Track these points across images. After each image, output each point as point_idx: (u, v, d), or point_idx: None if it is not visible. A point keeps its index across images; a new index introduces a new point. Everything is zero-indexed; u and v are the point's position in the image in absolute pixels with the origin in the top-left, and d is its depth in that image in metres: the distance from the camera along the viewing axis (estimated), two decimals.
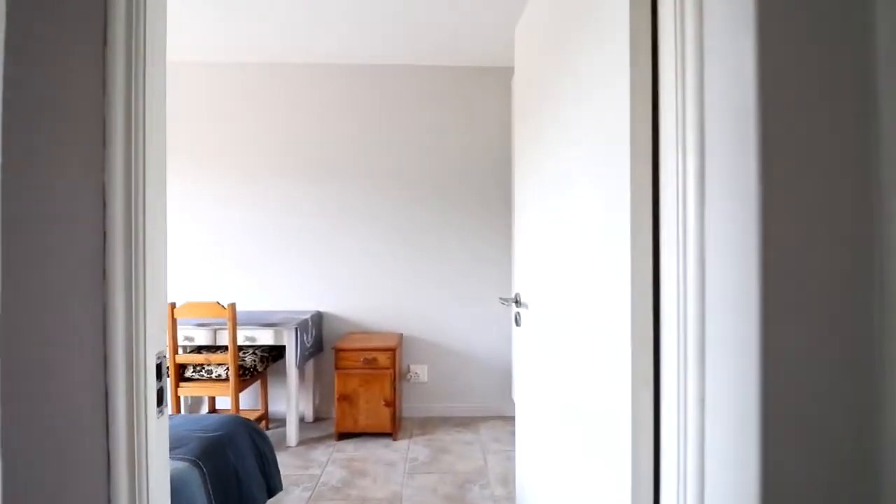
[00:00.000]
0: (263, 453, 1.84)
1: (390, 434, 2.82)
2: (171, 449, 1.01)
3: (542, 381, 1.49)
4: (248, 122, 3.14)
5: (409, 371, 3.20)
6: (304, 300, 3.19)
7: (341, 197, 3.18)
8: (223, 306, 2.50)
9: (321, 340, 3.16)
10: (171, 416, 1.67)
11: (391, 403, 2.78)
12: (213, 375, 2.59)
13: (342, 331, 3.19)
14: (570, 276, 1.24)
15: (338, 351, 2.79)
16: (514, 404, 2.71)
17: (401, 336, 3.12)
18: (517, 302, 1.75)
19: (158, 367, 0.81)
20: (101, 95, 0.72)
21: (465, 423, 3.09)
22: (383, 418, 2.77)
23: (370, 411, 2.78)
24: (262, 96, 3.14)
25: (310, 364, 3.13)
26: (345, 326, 3.20)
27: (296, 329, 2.71)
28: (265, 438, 1.92)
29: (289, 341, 2.73)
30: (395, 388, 2.80)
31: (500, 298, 1.87)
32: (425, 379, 3.21)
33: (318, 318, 3.13)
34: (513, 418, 2.88)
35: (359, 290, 3.19)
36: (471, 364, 3.21)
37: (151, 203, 0.78)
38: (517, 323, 1.77)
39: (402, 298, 3.19)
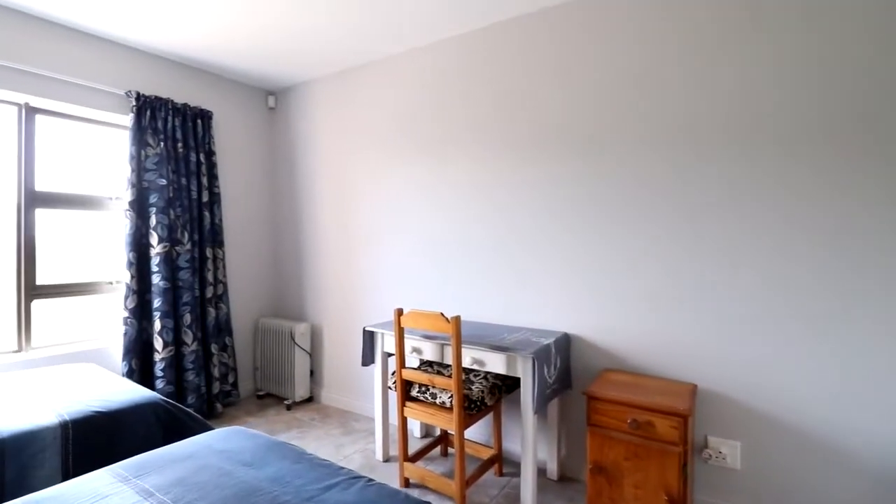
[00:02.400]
0: None
1: None
2: None
3: None
4: (473, 104, 2.66)
5: (706, 447, 2.03)
6: (545, 316, 2.46)
7: (604, 176, 2.30)
8: (447, 319, 2.01)
9: (568, 373, 2.35)
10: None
11: (679, 500, 1.72)
12: (438, 401, 2.14)
13: (597, 364, 2.30)
14: None
15: (591, 399, 1.93)
16: None
17: (694, 388, 1.99)
18: None
19: None
20: None
21: None
22: None
23: (642, 500, 1.80)
24: (493, 67, 2.61)
25: (554, 400, 2.36)
26: (601, 359, 2.30)
27: (533, 359, 1.99)
28: None
29: (524, 374, 2.04)
30: (684, 475, 1.73)
31: None
32: (736, 464, 1.98)
33: (565, 342, 2.34)
34: None
35: (624, 306, 2.24)
36: (831, 453, 1.79)
37: None
38: None
39: (696, 325, 2.06)
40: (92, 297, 2.89)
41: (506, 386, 2.28)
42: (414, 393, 2.24)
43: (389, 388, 2.38)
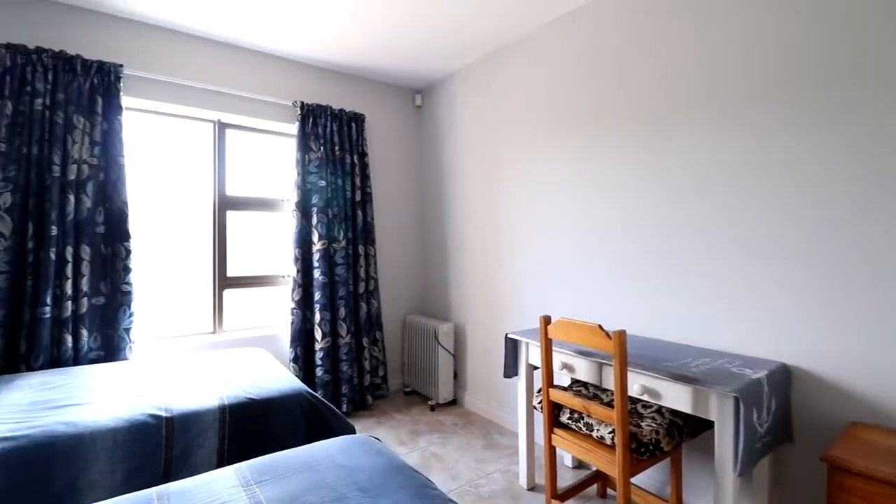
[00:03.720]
0: None
1: None
2: None
3: None
4: (635, 77, 2.10)
5: None
6: (753, 337, 1.80)
7: (858, 143, 1.57)
8: (606, 333, 1.58)
9: (788, 422, 1.67)
10: None
11: None
12: (595, 434, 1.72)
13: (839, 414, 1.57)
14: None
15: (837, 469, 1.28)
16: None
17: None
18: None
19: None
20: None
21: None
22: None
23: None
24: (662, 24, 2.02)
25: (766, 457, 1.71)
26: (846, 407, 1.56)
27: (736, 400, 1.42)
28: None
29: (721, 418, 1.48)
30: None
31: None
32: None
33: (783, 377, 1.66)
34: None
35: (885, 327, 1.48)
36: None
37: None
38: None
39: None
40: (270, 288, 3.23)
41: (689, 427, 1.73)
42: (564, 419, 1.86)
43: (535, 408, 2.04)
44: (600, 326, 1.61)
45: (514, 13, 2.55)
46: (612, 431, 1.64)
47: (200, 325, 2.97)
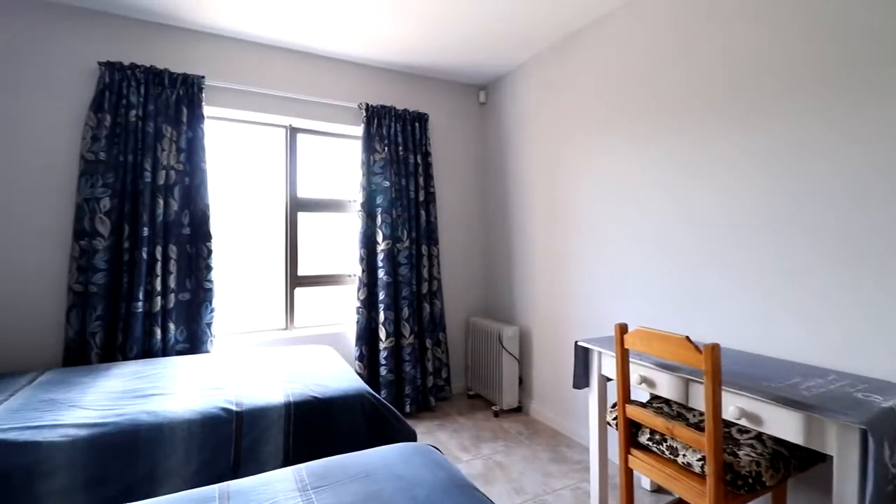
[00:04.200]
0: None
1: None
2: None
3: None
4: (720, 57, 1.83)
5: None
6: (877, 358, 1.50)
7: None
8: (695, 346, 1.39)
9: None
10: None
11: None
12: (680, 460, 1.52)
13: None
14: None
15: None
16: None
17: None
18: None
19: None
20: None
21: None
22: None
23: None
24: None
25: None
26: None
27: (864, 432, 1.17)
28: None
29: (841, 452, 1.23)
30: None
31: None
32: None
33: None
34: None
35: None
36: None
37: None
38: None
39: None
40: (337, 287, 3.31)
41: (797, 460, 1.47)
42: (643, 439, 1.67)
43: (609, 424, 1.86)
44: (688, 338, 1.41)
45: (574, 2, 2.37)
46: (702, 459, 1.44)
47: (273, 321, 3.11)
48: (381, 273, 3.13)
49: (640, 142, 2.36)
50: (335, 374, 2.14)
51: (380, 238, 3.15)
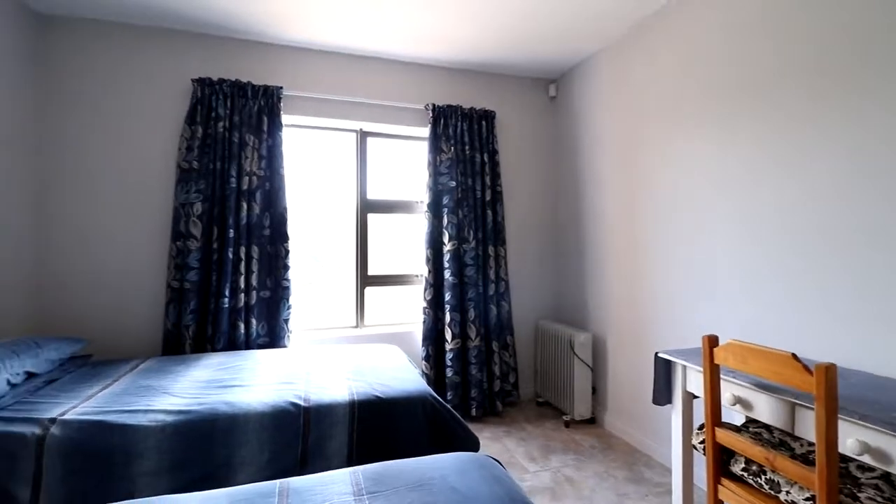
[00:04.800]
0: None
1: None
2: None
3: None
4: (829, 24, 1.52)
5: None
6: None
7: None
8: (805, 367, 1.17)
9: None
10: None
11: None
12: (784, 498, 1.30)
13: None
14: None
15: None
16: None
17: None
18: None
19: None
20: None
21: None
22: None
23: None
24: None
25: None
26: None
27: None
28: None
29: None
30: None
31: None
32: None
33: None
34: None
35: None
36: None
37: None
38: None
39: None
40: (405, 287, 3.35)
41: None
42: (737, 469, 1.46)
43: (695, 448, 1.66)
44: (794, 356, 1.20)
45: None
46: (811, 498, 1.22)
47: (345, 319, 3.21)
48: (447, 274, 3.11)
49: (726, 128, 2.09)
50: (400, 374, 2.14)
51: (446, 239, 3.13)
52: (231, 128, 2.70)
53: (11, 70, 2.33)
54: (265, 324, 2.81)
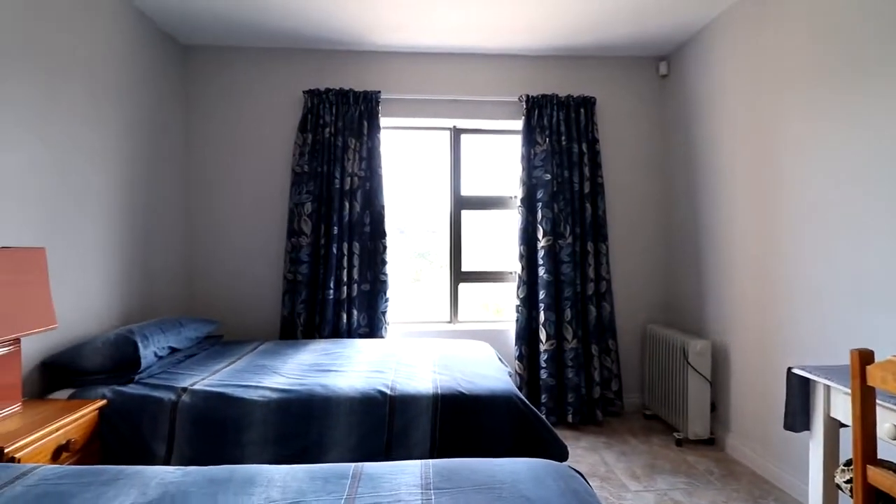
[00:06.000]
0: None
1: None
2: None
3: None
4: None
5: None
6: None
7: None
8: None
9: None
10: None
11: None
12: None
13: None
14: None
15: None
16: None
17: None
18: None
19: None
20: None
21: None
22: None
23: None
24: None
25: None
26: None
27: None
28: None
29: None
30: None
31: None
32: None
33: None
34: None
35: None
36: None
37: None
38: None
39: None
40: (499, 284, 3.30)
41: None
42: None
43: (839, 487, 1.34)
44: None
45: None
46: None
47: (439, 314, 3.27)
48: (541, 271, 2.98)
49: (876, 101, 1.64)
50: (486, 371, 2.10)
51: (540, 234, 3.00)
52: (335, 133, 2.92)
53: (168, 94, 2.81)
54: (365, 315, 2.98)
